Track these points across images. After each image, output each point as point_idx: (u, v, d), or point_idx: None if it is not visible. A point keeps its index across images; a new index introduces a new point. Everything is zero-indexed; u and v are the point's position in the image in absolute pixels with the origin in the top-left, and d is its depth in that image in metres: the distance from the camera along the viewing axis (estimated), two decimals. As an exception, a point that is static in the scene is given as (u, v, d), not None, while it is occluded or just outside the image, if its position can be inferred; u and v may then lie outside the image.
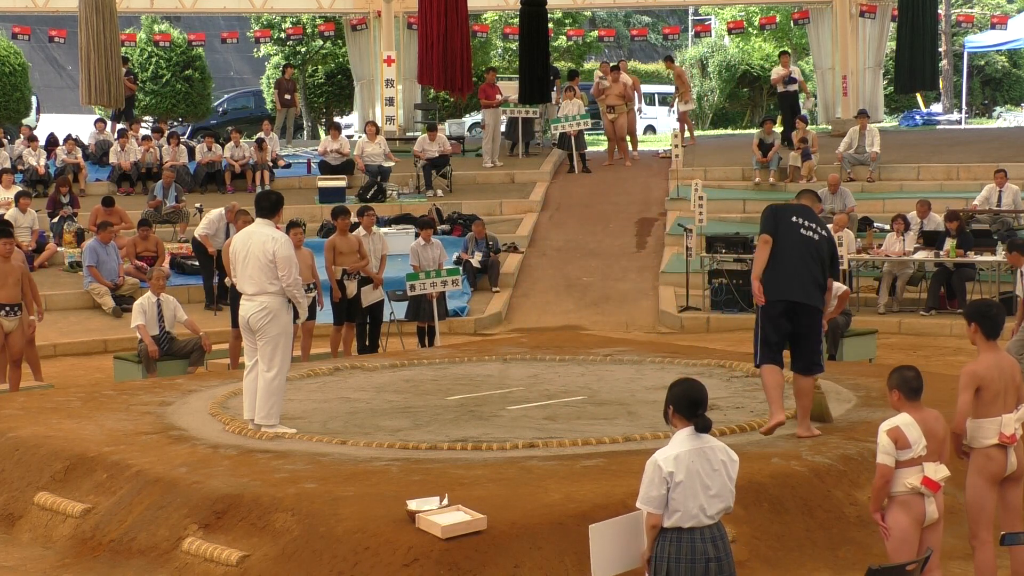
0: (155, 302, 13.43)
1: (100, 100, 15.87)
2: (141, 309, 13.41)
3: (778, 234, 8.91)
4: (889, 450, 6.35)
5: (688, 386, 5.85)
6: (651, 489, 5.72)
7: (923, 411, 6.46)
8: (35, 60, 41.87)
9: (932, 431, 6.43)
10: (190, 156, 23.55)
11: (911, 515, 6.40)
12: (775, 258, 8.86)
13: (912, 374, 6.49)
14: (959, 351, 14.74)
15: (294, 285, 9.56)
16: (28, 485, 8.86)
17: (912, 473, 6.38)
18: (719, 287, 17.60)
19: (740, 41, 40.98)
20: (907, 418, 6.40)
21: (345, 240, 14.52)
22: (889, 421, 6.43)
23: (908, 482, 6.37)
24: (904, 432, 6.36)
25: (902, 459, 6.35)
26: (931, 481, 6.36)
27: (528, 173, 23.93)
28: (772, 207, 9.21)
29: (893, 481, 6.38)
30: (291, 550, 7.19)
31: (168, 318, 13.48)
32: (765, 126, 23.08)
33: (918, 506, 6.40)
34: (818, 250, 8.95)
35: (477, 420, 9.92)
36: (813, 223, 9.02)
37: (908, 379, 6.47)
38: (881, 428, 6.42)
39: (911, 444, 6.35)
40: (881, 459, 6.38)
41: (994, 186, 19.45)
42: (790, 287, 8.83)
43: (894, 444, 6.35)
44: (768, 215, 9.08)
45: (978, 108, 42.21)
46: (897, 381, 6.48)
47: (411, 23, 26.35)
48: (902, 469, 6.38)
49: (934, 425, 6.46)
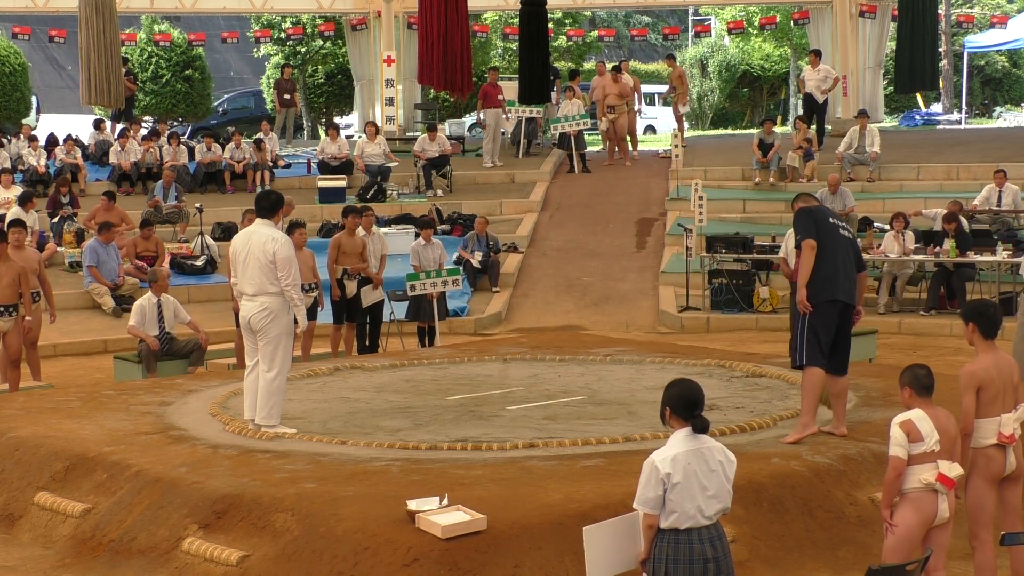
0: (155, 303, 13.42)
1: (100, 100, 15.86)
2: (140, 310, 13.41)
3: (820, 237, 8.81)
4: (902, 442, 6.36)
5: (685, 387, 5.84)
6: (648, 490, 5.71)
7: (935, 409, 6.48)
8: (35, 60, 41.87)
9: (944, 428, 6.44)
10: (190, 156, 23.56)
11: (921, 515, 6.39)
12: (823, 260, 8.73)
13: (924, 371, 6.52)
14: (959, 351, 14.73)
15: (292, 286, 9.54)
16: (28, 485, 8.86)
17: (926, 469, 6.37)
18: (719, 287, 17.61)
19: (740, 41, 40.98)
20: (919, 412, 6.42)
21: (351, 240, 14.52)
22: (901, 415, 6.44)
23: (923, 478, 6.36)
24: (917, 425, 6.37)
25: (915, 452, 6.35)
26: (946, 477, 6.36)
27: (528, 173, 23.93)
28: (806, 210, 9.01)
29: (906, 477, 6.38)
30: (291, 550, 7.19)
31: (168, 318, 13.47)
32: (765, 126, 23.07)
33: (930, 504, 6.39)
34: (854, 249, 8.99)
35: (477, 420, 9.92)
36: (843, 222, 9.09)
37: (919, 376, 6.50)
38: (893, 421, 6.44)
39: (924, 437, 6.35)
40: (894, 451, 6.38)
41: (994, 186, 19.46)
42: (843, 288, 8.79)
43: (907, 437, 6.36)
44: (807, 219, 8.90)
45: (978, 108, 42.22)
46: (909, 378, 6.51)
47: (411, 23, 26.36)
48: (915, 465, 6.37)
49: (946, 423, 6.47)
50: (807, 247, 8.78)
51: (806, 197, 9.49)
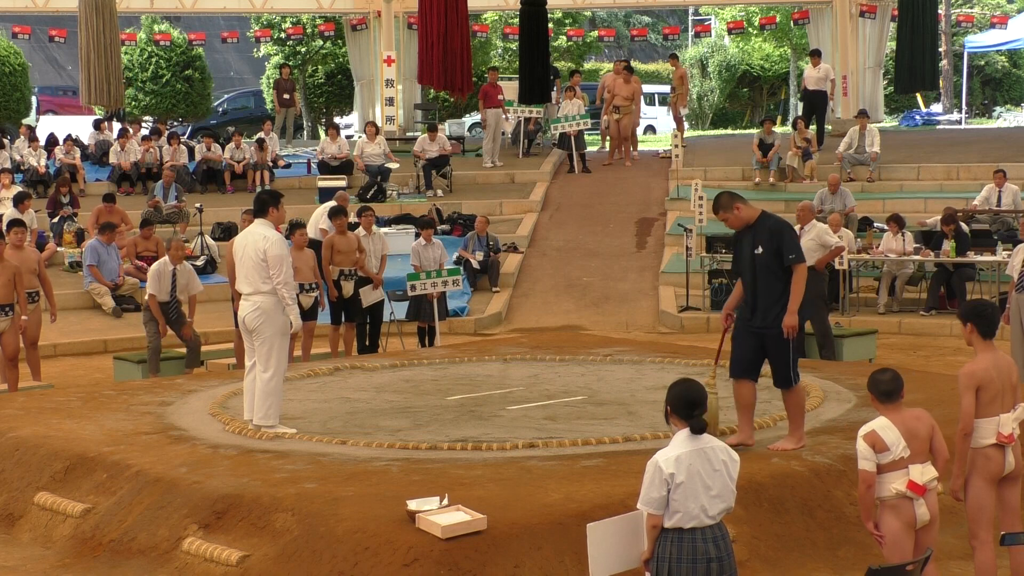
0: (172, 270, 13.53)
1: (100, 100, 15.89)
2: (157, 275, 13.49)
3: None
4: (868, 455, 6.33)
5: (686, 387, 5.86)
6: (652, 490, 5.72)
7: (902, 412, 6.41)
8: (35, 60, 41.88)
9: (913, 431, 6.38)
10: (190, 156, 23.56)
11: (901, 519, 6.36)
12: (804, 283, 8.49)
13: (885, 376, 6.45)
14: (959, 351, 14.73)
15: (284, 285, 9.55)
16: (28, 485, 8.86)
17: (897, 477, 6.33)
18: (719, 287, 17.59)
19: (740, 41, 41.00)
20: (883, 421, 6.37)
21: (344, 239, 14.52)
22: (865, 426, 6.40)
23: (893, 487, 6.32)
24: (880, 435, 6.32)
25: (883, 462, 6.32)
26: (916, 485, 6.32)
27: (528, 173, 23.93)
28: (789, 228, 8.65)
29: (879, 486, 6.34)
30: (291, 550, 7.19)
31: (181, 286, 13.56)
32: (765, 126, 23.07)
33: (907, 510, 6.36)
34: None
35: (477, 420, 9.92)
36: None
37: (879, 382, 6.44)
38: (859, 434, 6.40)
39: (889, 447, 6.31)
40: (862, 465, 6.34)
41: (994, 186, 19.45)
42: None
43: (872, 448, 6.33)
44: (795, 236, 8.62)
45: (978, 108, 42.24)
46: (869, 385, 6.48)
47: (411, 23, 26.36)
48: (887, 473, 6.33)
49: (915, 425, 6.41)
50: (801, 272, 8.45)
51: (736, 197, 8.68)
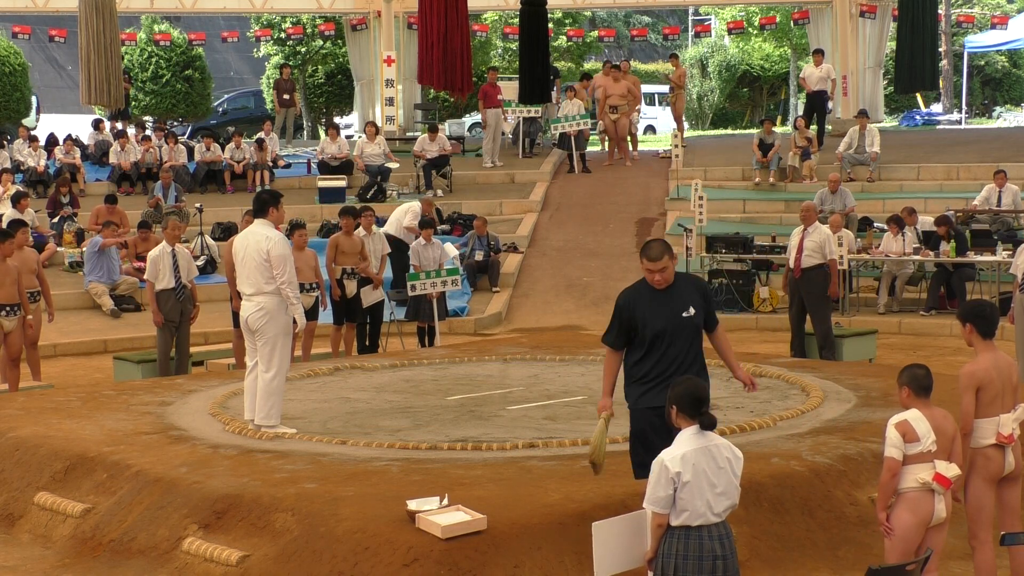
0: (170, 252, 13.14)
1: (100, 100, 15.88)
2: (154, 262, 13.03)
3: None
4: (897, 443, 6.34)
5: (691, 385, 5.88)
6: (658, 490, 5.73)
7: (932, 409, 6.46)
8: (35, 60, 41.88)
9: (941, 428, 6.42)
10: (189, 156, 23.55)
11: (918, 515, 6.38)
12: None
13: (922, 372, 6.50)
14: (959, 351, 14.72)
15: (288, 284, 9.56)
16: (28, 485, 8.86)
17: (923, 469, 6.35)
18: (719, 287, 17.59)
19: (740, 41, 40.99)
20: (916, 413, 6.40)
21: (348, 240, 14.52)
22: (897, 415, 6.43)
23: (919, 477, 6.34)
24: (913, 426, 6.35)
25: (911, 453, 6.34)
26: (943, 477, 6.34)
27: (528, 173, 23.93)
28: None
29: (902, 477, 6.36)
30: (291, 550, 7.19)
31: (184, 269, 13.20)
32: (765, 126, 23.07)
33: (927, 504, 6.38)
34: None
35: (477, 420, 9.93)
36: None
37: (918, 376, 6.48)
38: (889, 422, 6.42)
39: (920, 438, 6.34)
40: (889, 452, 6.36)
41: (994, 186, 19.45)
42: None
43: (902, 438, 6.34)
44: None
45: (978, 108, 42.24)
46: (907, 378, 6.49)
47: (411, 23, 26.34)
48: (912, 465, 6.36)
49: (943, 423, 6.45)
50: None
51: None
